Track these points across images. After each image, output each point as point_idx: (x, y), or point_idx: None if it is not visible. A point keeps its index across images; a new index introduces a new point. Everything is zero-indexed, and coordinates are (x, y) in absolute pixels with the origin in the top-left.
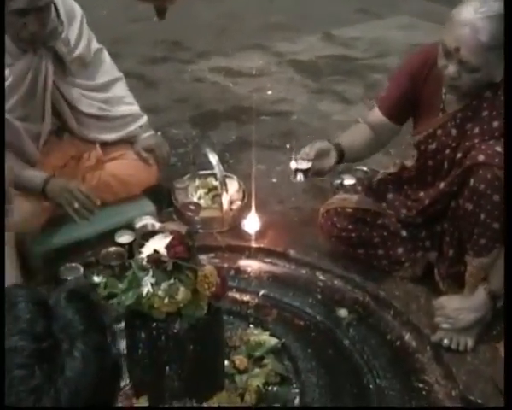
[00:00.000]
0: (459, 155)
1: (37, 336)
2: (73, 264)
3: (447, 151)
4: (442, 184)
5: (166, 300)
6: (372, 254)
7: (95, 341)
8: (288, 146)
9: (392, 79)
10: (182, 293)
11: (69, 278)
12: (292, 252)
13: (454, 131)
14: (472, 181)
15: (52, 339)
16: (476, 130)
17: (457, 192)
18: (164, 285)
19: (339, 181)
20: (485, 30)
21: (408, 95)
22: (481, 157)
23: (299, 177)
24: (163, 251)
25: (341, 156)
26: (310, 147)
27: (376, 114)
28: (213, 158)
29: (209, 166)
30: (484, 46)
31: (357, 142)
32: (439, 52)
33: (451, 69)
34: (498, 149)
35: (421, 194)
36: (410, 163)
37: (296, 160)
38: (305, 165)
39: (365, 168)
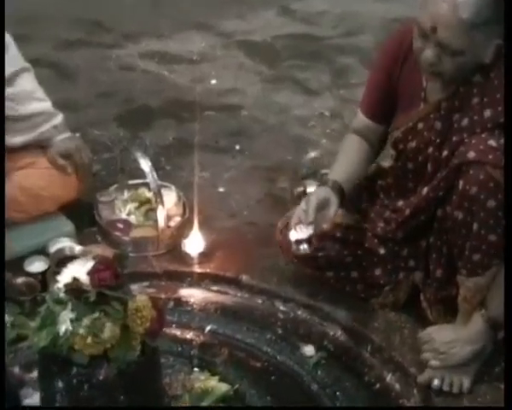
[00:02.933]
0: (445, 153)
1: None
2: None
3: (430, 149)
4: (425, 190)
5: (89, 339)
6: (344, 277)
7: None
8: (237, 147)
9: (370, 78)
10: (109, 330)
11: None
12: (245, 277)
13: (438, 125)
14: (461, 184)
15: None
16: (465, 122)
17: (444, 198)
18: (86, 321)
19: (301, 189)
20: (467, 5)
21: (386, 90)
22: (472, 154)
23: (304, 247)
24: (85, 278)
25: (342, 195)
26: (306, 204)
27: (361, 120)
28: (146, 164)
29: (141, 174)
30: (466, 24)
31: (354, 165)
32: (414, 33)
33: (429, 53)
34: (492, 143)
35: (401, 203)
36: (387, 164)
37: (294, 227)
38: (307, 232)
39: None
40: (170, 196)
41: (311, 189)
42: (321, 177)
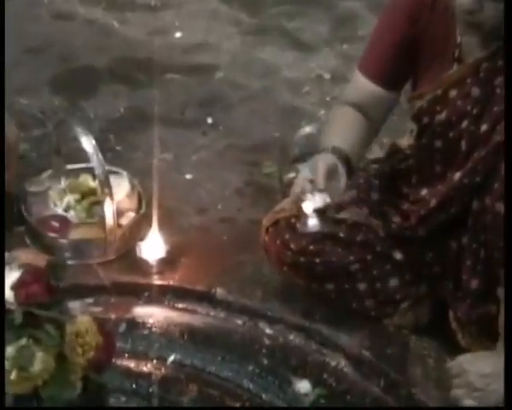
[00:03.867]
0: (484, 128)
1: None
2: None
3: (465, 123)
4: (458, 175)
5: (14, 374)
6: (348, 290)
7: None
8: (209, 121)
9: (379, 25)
10: (40, 362)
11: None
12: (219, 291)
13: (476, 91)
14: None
15: None
16: None
17: (483, 186)
18: (10, 350)
19: (292, 175)
20: None
21: (405, 43)
22: None
23: (314, 222)
24: (8, 294)
25: (350, 167)
26: (312, 171)
27: (361, 85)
28: (89, 143)
29: (83, 156)
30: None
31: (353, 137)
32: None
33: None
34: None
35: (425, 192)
36: (405, 143)
37: (305, 195)
38: (319, 202)
39: None
40: (121, 186)
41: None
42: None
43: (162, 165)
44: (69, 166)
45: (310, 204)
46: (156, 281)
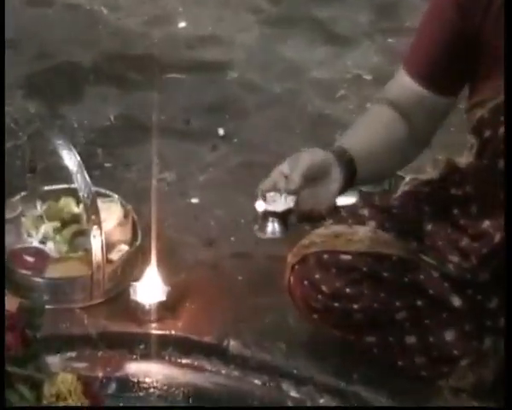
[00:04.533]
0: None
1: None
2: None
3: None
4: None
5: None
6: (393, 343)
7: None
8: (220, 132)
9: (427, 15)
10: None
11: None
12: (233, 344)
13: None
14: None
15: None
16: None
17: None
18: None
19: None
20: None
21: (457, 40)
22: None
23: (273, 228)
24: None
25: (352, 173)
26: (290, 163)
27: (406, 85)
28: (71, 159)
29: (64, 174)
30: None
31: (377, 141)
32: None
33: None
34: None
35: (487, 224)
36: (464, 161)
37: (264, 194)
38: (284, 204)
39: None
40: (111, 212)
41: (340, 200)
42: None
43: (162, 186)
44: (47, 188)
45: (261, 203)
46: (154, 330)
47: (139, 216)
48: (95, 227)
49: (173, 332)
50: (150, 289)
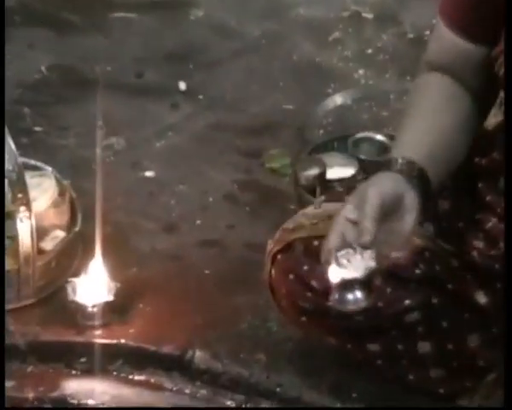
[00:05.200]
0: None
1: None
2: None
3: None
4: None
5: None
6: (402, 352)
7: None
8: (182, 86)
9: None
10: None
11: None
12: (200, 356)
13: None
14: None
15: None
16: None
17: None
18: None
19: (313, 171)
20: None
21: None
22: None
23: (355, 297)
24: None
25: (427, 191)
26: (356, 204)
27: (446, 38)
28: None
29: None
30: None
31: (447, 129)
32: None
33: None
34: None
35: None
36: (492, 121)
37: (333, 256)
38: (362, 264)
39: (381, 136)
40: (43, 189)
41: (336, 172)
42: (353, 142)
43: (108, 156)
44: None
45: (337, 270)
46: (99, 339)
47: (79, 194)
48: (22, 209)
49: (123, 341)
50: (94, 286)
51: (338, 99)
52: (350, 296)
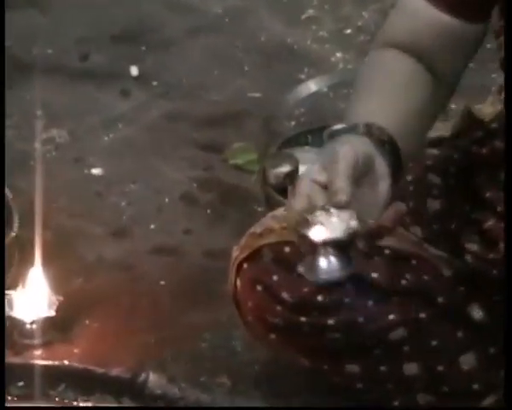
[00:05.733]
0: None
1: None
2: None
3: None
4: None
5: None
6: (386, 375)
7: None
8: (134, 71)
9: None
10: None
11: None
12: (155, 380)
13: None
14: None
15: None
16: None
17: None
18: None
19: (284, 168)
20: None
21: None
22: None
23: (329, 263)
24: None
25: (398, 162)
26: (324, 165)
27: (421, 13)
28: None
29: None
30: None
31: (407, 106)
32: None
33: None
34: None
35: None
36: (488, 110)
37: (313, 212)
38: (343, 225)
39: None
40: None
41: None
42: (328, 133)
43: (49, 150)
44: None
45: (322, 230)
46: (39, 360)
47: (15, 194)
48: None
49: (67, 363)
50: (33, 300)
51: (312, 86)
52: (323, 263)
